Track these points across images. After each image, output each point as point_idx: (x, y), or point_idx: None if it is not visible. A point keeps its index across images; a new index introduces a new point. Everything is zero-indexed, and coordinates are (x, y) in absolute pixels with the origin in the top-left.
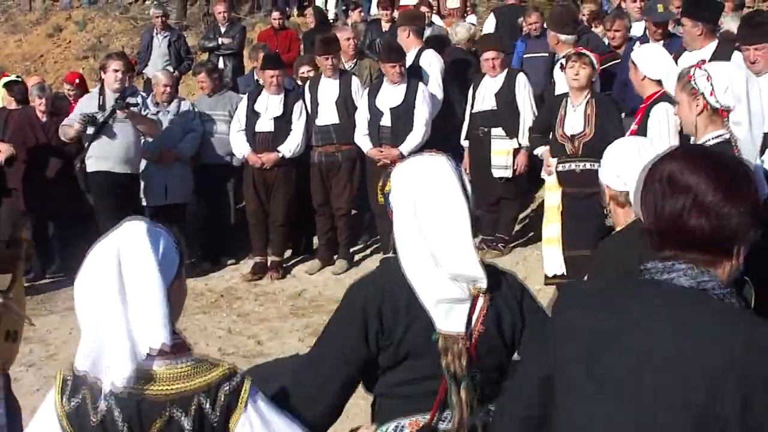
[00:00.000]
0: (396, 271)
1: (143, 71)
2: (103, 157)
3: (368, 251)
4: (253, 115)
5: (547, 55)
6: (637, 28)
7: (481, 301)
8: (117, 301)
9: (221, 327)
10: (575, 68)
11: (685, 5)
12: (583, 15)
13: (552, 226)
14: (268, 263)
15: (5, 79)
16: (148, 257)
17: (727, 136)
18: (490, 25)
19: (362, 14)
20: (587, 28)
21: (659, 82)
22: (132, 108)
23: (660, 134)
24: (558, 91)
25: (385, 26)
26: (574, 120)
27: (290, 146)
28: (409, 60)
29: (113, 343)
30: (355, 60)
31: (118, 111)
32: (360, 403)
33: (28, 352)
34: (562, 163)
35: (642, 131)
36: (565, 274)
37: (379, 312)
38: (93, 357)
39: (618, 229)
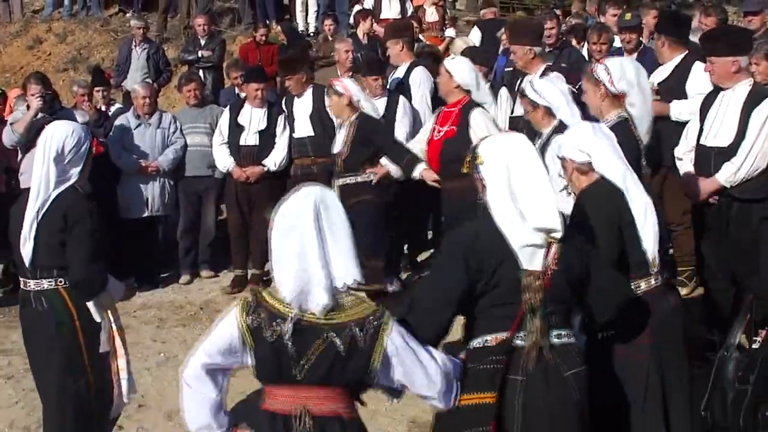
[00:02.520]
0: (488, 224)
1: (122, 84)
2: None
3: None
4: (236, 129)
5: None
6: (618, 41)
7: (554, 248)
8: (316, 245)
9: (201, 340)
10: (328, 100)
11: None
12: (564, 27)
13: None
14: (248, 276)
15: None
16: (341, 210)
17: (626, 115)
18: (475, 38)
19: (333, 27)
20: (568, 43)
21: (467, 91)
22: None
23: (487, 130)
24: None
25: (363, 39)
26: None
27: (275, 159)
28: (400, 73)
29: (315, 278)
30: (351, 74)
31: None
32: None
33: (6, 365)
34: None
35: (463, 130)
36: None
37: (475, 252)
38: (299, 290)
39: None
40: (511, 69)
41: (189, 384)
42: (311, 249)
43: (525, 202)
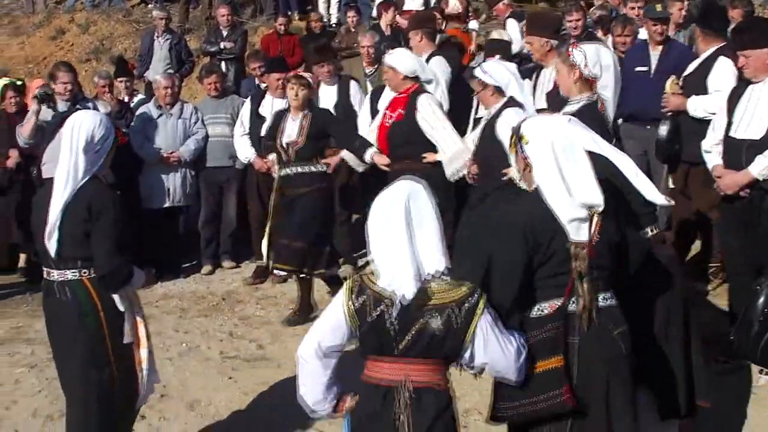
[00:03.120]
0: (537, 201)
1: (144, 75)
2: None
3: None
4: (257, 119)
5: None
6: (643, 34)
7: (596, 219)
8: (406, 237)
9: (222, 330)
10: (294, 89)
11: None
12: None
13: None
14: (269, 267)
15: (4, 80)
16: (430, 203)
17: (594, 98)
18: (512, 29)
19: (356, 18)
20: (593, 34)
21: (415, 78)
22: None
23: (435, 115)
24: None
25: (387, 30)
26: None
27: None
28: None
29: (404, 268)
30: (376, 66)
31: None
32: None
33: (30, 353)
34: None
35: (410, 115)
36: None
37: (533, 230)
38: (390, 276)
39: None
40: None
41: (305, 360)
42: (401, 241)
43: (571, 179)
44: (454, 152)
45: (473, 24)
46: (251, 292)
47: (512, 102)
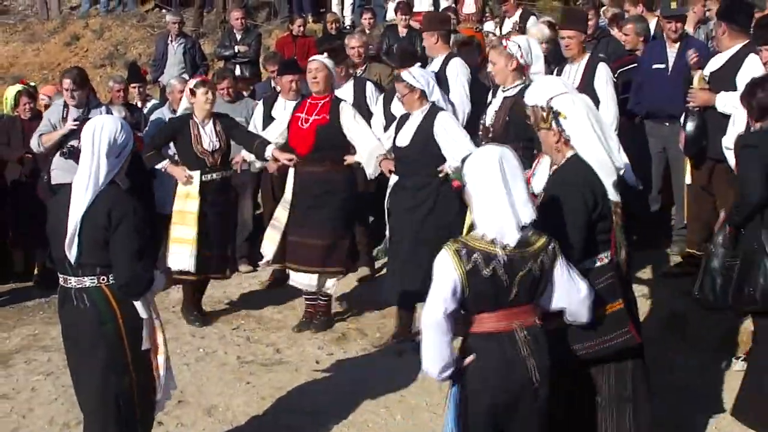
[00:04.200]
0: (585, 168)
1: (159, 79)
2: (67, 169)
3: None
4: (270, 121)
5: None
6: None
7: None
8: (504, 191)
9: (240, 335)
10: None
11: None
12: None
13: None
14: (287, 271)
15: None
16: (517, 161)
17: (528, 83)
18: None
19: (372, 20)
20: (607, 32)
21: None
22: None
23: (355, 120)
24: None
25: (402, 32)
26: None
27: None
28: (435, 66)
29: (507, 218)
30: (364, 66)
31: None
32: None
33: (46, 361)
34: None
35: (334, 118)
36: None
37: (592, 190)
38: (497, 227)
39: None
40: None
41: (436, 326)
42: (501, 193)
43: (612, 145)
44: (369, 151)
45: (489, 25)
46: (268, 295)
47: (436, 106)
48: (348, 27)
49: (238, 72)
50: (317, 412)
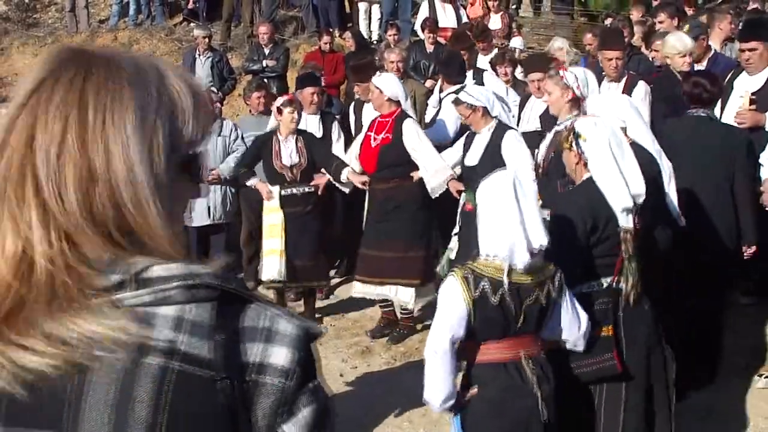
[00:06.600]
0: (594, 191)
1: None
2: None
3: None
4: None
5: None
6: None
7: (636, 208)
8: (518, 214)
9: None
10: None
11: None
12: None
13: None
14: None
15: None
16: (532, 185)
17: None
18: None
19: (396, 36)
20: (637, 50)
21: (397, 102)
22: None
23: (418, 138)
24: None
25: (429, 47)
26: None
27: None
28: (471, 81)
29: (519, 240)
30: (404, 80)
31: None
32: None
33: None
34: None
35: (397, 138)
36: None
37: (593, 214)
38: (509, 251)
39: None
40: None
41: (441, 355)
42: (514, 215)
43: (625, 172)
44: (435, 169)
45: (517, 41)
46: (294, 309)
47: (502, 123)
48: (375, 42)
49: None
50: (340, 426)
